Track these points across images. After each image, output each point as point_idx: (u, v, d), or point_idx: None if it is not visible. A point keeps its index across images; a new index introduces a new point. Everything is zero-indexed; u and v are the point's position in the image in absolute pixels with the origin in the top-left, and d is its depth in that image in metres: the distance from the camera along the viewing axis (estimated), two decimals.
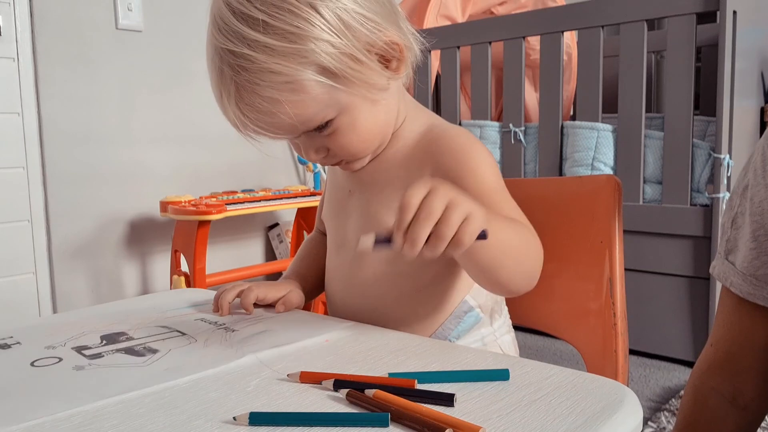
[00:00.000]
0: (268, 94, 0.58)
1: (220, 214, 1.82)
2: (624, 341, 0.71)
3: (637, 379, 1.83)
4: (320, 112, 0.61)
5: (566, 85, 2.44)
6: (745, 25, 1.83)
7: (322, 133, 0.63)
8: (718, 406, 0.71)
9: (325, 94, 0.60)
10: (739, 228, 0.69)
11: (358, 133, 0.64)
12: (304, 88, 0.58)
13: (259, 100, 0.58)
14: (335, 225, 0.77)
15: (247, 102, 0.59)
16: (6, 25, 1.73)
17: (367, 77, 0.61)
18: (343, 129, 0.63)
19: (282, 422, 0.40)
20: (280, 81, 0.58)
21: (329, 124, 0.63)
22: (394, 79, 0.65)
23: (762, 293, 0.66)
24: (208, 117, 2.21)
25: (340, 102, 0.61)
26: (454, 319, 0.70)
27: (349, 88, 0.61)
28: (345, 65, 0.59)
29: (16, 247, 1.79)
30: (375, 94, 0.63)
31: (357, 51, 0.60)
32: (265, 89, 0.58)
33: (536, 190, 0.81)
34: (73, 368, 0.51)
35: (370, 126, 0.65)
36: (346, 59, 0.59)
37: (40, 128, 1.83)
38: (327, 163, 0.68)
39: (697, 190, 1.88)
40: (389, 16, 0.63)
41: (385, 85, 0.64)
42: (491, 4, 2.65)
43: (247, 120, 0.61)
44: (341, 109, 0.62)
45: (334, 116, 0.62)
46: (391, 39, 0.62)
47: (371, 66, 0.61)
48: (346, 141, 0.64)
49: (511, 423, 0.39)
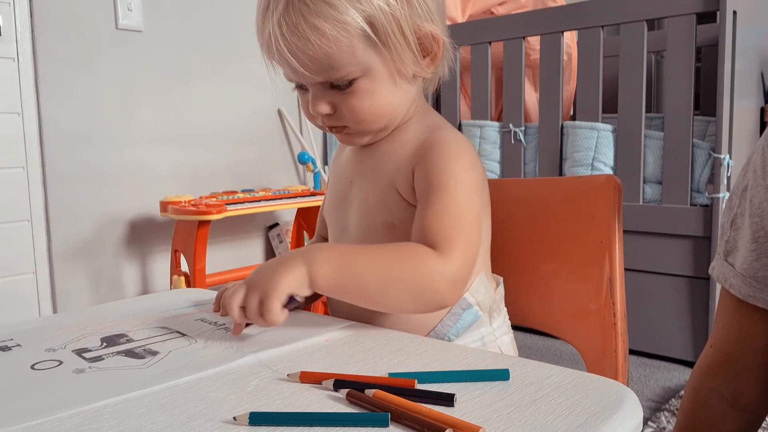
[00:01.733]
0: (313, 21, 0.60)
1: (220, 214, 1.82)
2: (624, 341, 0.71)
3: (637, 379, 1.83)
4: (350, 64, 0.63)
5: (566, 85, 2.44)
6: (745, 25, 1.83)
7: (340, 90, 0.65)
8: (717, 407, 0.71)
9: (362, 49, 0.62)
10: (738, 229, 0.68)
11: (372, 101, 0.66)
12: (347, 31, 0.61)
13: (303, 23, 0.60)
14: (336, 217, 0.78)
15: (290, 20, 0.60)
16: (6, 25, 1.73)
17: (404, 53, 0.64)
18: (361, 91, 0.65)
19: (282, 422, 0.40)
20: (330, 14, 0.60)
21: (351, 84, 0.64)
22: (422, 72, 0.68)
23: (762, 295, 0.65)
24: (208, 117, 2.21)
25: (371, 64, 0.64)
26: (452, 316, 0.70)
27: (385, 53, 0.63)
28: (392, 29, 0.62)
29: (16, 247, 1.79)
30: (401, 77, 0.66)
31: (406, 23, 0.63)
32: (314, 16, 0.60)
33: (536, 190, 0.82)
34: (74, 371, 0.50)
35: (386, 101, 0.67)
36: (395, 25, 0.62)
37: (40, 128, 1.83)
38: (330, 124, 0.69)
39: (697, 190, 1.88)
40: (441, 15, 0.67)
41: (413, 74, 0.67)
42: (491, 4, 2.65)
43: (282, 39, 0.61)
44: (368, 71, 0.64)
45: (359, 76, 0.64)
46: (436, 32, 0.65)
47: (411, 45, 0.64)
48: (359, 104, 0.66)
49: (511, 423, 0.39)
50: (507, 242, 0.82)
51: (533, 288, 0.80)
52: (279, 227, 2.49)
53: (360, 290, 0.60)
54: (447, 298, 0.62)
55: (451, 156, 0.66)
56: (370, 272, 0.59)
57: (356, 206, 0.74)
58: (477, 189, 0.67)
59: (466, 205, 0.64)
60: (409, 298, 0.61)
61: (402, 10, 0.62)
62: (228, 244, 2.33)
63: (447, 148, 0.67)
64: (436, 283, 0.60)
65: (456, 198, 0.64)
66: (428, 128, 0.70)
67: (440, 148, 0.67)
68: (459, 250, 0.62)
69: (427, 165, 0.66)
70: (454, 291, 0.62)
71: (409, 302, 0.61)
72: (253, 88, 2.29)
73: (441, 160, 0.66)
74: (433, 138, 0.68)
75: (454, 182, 0.64)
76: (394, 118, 0.69)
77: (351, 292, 0.60)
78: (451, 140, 0.68)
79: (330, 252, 0.60)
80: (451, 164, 0.66)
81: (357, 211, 0.73)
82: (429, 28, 0.65)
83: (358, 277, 0.59)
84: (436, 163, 0.66)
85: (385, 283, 0.60)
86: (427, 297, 0.61)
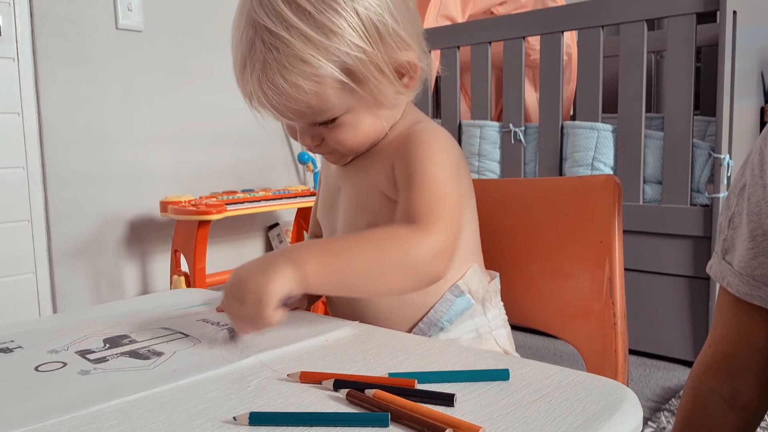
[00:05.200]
0: (292, 79, 0.61)
1: (220, 214, 1.82)
2: (624, 341, 0.71)
3: (637, 379, 1.83)
4: (332, 108, 0.64)
5: (566, 85, 2.44)
6: (745, 25, 1.83)
7: (324, 125, 0.66)
8: (716, 406, 0.71)
9: (342, 94, 0.63)
10: (736, 228, 0.68)
11: (357, 133, 0.68)
12: (326, 83, 0.61)
13: (282, 81, 0.61)
14: (327, 222, 0.80)
15: (269, 80, 0.61)
16: (6, 25, 1.73)
17: (384, 87, 0.65)
18: (346, 126, 0.67)
19: (282, 422, 0.40)
20: (307, 71, 0.60)
21: (334, 120, 0.66)
22: (403, 95, 0.68)
23: (759, 293, 0.65)
24: (208, 117, 2.21)
25: (351, 103, 0.65)
26: (444, 302, 0.71)
27: (365, 93, 0.64)
28: (369, 72, 0.63)
29: (16, 247, 1.79)
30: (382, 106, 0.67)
31: (382, 62, 0.63)
32: (291, 74, 0.60)
33: (536, 190, 0.82)
34: (79, 373, 0.50)
35: (371, 129, 0.69)
36: (372, 67, 0.63)
37: (40, 128, 1.83)
38: (317, 152, 0.71)
39: (697, 190, 1.88)
40: (417, 37, 0.67)
41: (394, 99, 0.67)
42: (491, 4, 2.65)
43: (263, 96, 0.62)
44: (350, 108, 0.65)
45: (342, 113, 0.65)
46: (411, 60, 0.66)
47: (390, 79, 0.65)
48: (344, 137, 0.67)
49: (511, 423, 0.39)
50: (507, 242, 0.82)
51: (533, 288, 0.80)
52: (279, 227, 2.49)
53: (351, 282, 0.60)
54: (436, 270, 0.61)
55: (425, 141, 0.68)
56: (356, 261, 0.59)
57: (343, 211, 0.76)
58: (453, 170, 0.67)
59: (444, 181, 0.65)
60: (399, 278, 0.61)
61: (377, 53, 0.62)
62: (228, 244, 2.33)
63: (421, 136, 0.68)
64: (420, 257, 0.60)
65: (434, 177, 0.65)
66: (407, 124, 0.72)
67: (415, 137, 0.68)
68: (439, 221, 0.62)
69: (404, 155, 0.68)
70: (441, 262, 0.62)
71: (401, 282, 0.61)
72: None
73: (416, 146, 0.67)
74: (409, 131, 0.70)
75: (430, 163, 0.66)
76: (380, 137, 0.71)
77: (343, 285, 0.60)
78: (426, 128, 0.70)
79: (313, 248, 0.59)
80: (426, 147, 0.67)
81: (343, 216, 0.75)
82: (405, 58, 0.65)
83: (347, 268, 0.59)
84: (413, 150, 0.67)
85: (373, 269, 0.60)
86: (415, 273, 0.61)
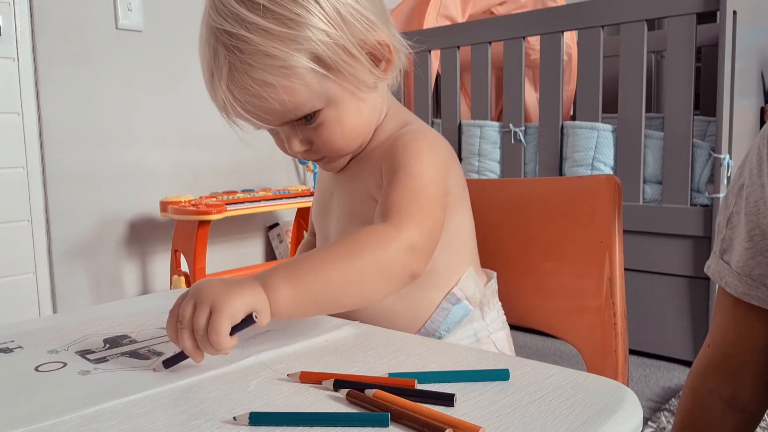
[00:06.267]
0: (260, 77, 0.59)
1: (220, 214, 1.82)
2: (624, 341, 0.71)
3: (637, 379, 1.83)
4: (309, 101, 0.62)
5: (566, 85, 2.44)
6: (745, 25, 1.83)
7: (308, 125, 0.65)
8: (715, 407, 0.71)
9: (316, 83, 0.61)
10: (734, 227, 0.68)
11: (342, 128, 0.66)
12: (296, 74, 0.60)
13: (251, 82, 0.60)
14: (321, 227, 0.80)
15: (238, 83, 0.60)
16: (6, 25, 1.73)
17: (358, 72, 0.63)
18: (329, 122, 0.65)
19: (282, 422, 0.40)
20: (274, 65, 0.59)
21: (316, 116, 0.64)
22: (382, 80, 0.67)
23: (757, 293, 0.65)
24: (208, 117, 2.20)
25: (329, 93, 0.63)
26: (441, 312, 0.71)
27: (339, 80, 0.62)
28: (338, 56, 0.61)
29: (16, 247, 1.79)
30: (363, 92, 0.65)
31: (350, 45, 0.61)
32: (258, 71, 0.59)
33: (536, 190, 0.82)
34: (79, 373, 0.50)
35: (355, 122, 0.67)
36: (340, 51, 0.61)
37: (40, 128, 1.83)
38: (308, 158, 0.70)
39: (697, 190, 1.88)
40: (382, 17, 0.65)
41: (373, 84, 0.66)
42: (491, 4, 2.65)
43: (236, 102, 0.61)
44: (329, 100, 0.64)
45: (321, 107, 0.64)
46: (382, 39, 0.64)
47: (362, 62, 0.63)
48: (330, 135, 0.66)
49: (511, 423, 0.39)
50: (507, 242, 0.82)
51: (533, 288, 0.80)
52: (279, 227, 2.49)
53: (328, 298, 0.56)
54: (410, 267, 0.58)
55: (412, 140, 0.67)
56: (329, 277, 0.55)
57: (335, 217, 0.75)
58: (440, 170, 0.66)
59: (428, 180, 0.64)
60: (376, 283, 0.58)
61: (343, 34, 0.61)
62: (228, 244, 2.33)
63: (408, 135, 0.67)
64: (393, 253, 0.57)
65: (416, 174, 0.63)
66: (396, 126, 0.71)
67: (402, 137, 0.67)
68: (412, 217, 0.60)
69: (390, 154, 0.66)
70: (416, 259, 0.59)
71: (379, 287, 0.58)
72: None
73: (403, 144, 0.66)
74: (398, 133, 0.69)
75: (415, 161, 0.64)
76: (368, 133, 0.70)
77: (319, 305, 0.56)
78: (415, 129, 0.69)
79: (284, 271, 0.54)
80: (413, 146, 0.66)
81: (336, 223, 0.75)
82: (374, 38, 0.64)
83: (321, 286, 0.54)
84: (399, 149, 0.66)
85: (348, 281, 0.56)
86: (390, 274, 0.58)
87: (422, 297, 0.71)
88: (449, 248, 0.70)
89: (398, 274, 0.58)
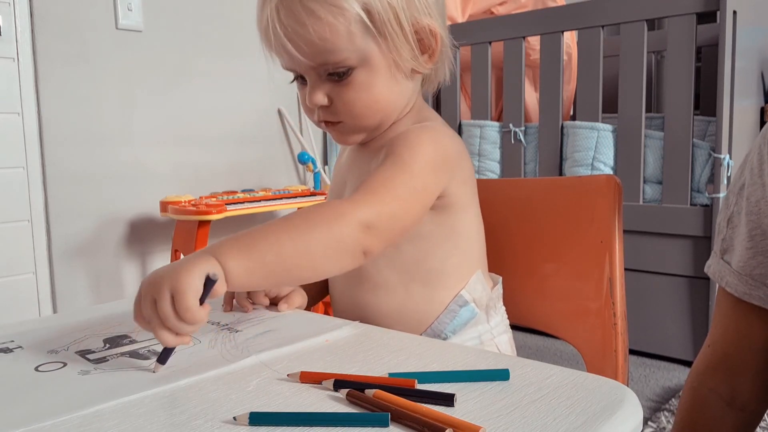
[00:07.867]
0: (310, 5, 0.61)
1: (220, 214, 1.82)
2: (624, 341, 0.71)
3: (637, 379, 1.83)
4: (346, 50, 0.63)
5: (566, 85, 2.44)
6: (745, 25, 1.83)
7: (337, 80, 0.65)
8: (715, 407, 0.71)
9: (359, 36, 0.62)
10: (735, 227, 0.68)
11: (369, 94, 0.66)
12: (344, 16, 0.61)
13: (299, 7, 0.61)
14: None
15: (286, 4, 0.61)
16: (6, 25, 1.73)
17: (401, 46, 0.64)
18: (358, 84, 0.65)
19: (282, 422, 0.40)
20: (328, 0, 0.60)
21: (348, 73, 0.64)
22: (421, 68, 0.67)
23: (758, 293, 0.65)
24: (208, 117, 2.21)
25: (367, 53, 0.64)
26: (448, 313, 0.71)
27: (381, 45, 0.63)
28: (388, 19, 0.62)
29: (16, 247, 1.79)
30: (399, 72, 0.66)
31: (403, 15, 0.63)
32: (310, 1, 0.60)
33: (536, 190, 0.82)
34: (79, 373, 0.50)
35: (382, 96, 0.66)
36: (391, 15, 0.62)
37: (40, 128, 1.83)
38: (325, 118, 0.68)
39: (697, 190, 1.88)
40: (440, 9, 0.67)
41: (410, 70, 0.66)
42: (491, 4, 2.65)
43: (279, 24, 0.62)
44: (365, 60, 0.64)
45: (355, 65, 0.64)
46: (434, 27, 0.65)
47: (408, 37, 0.64)
48: (355, 97, 0.65)
49: (511, 423, 0.39)
50: (507, 242, 0.82)
51: (533, 288, 0.80)
52: None
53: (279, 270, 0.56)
54: (362, 243, 0.58)
55: (417, 130, 0.67)
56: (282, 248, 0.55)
57: None
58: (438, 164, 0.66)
59: (414, 171, 0.63)
60: (329, 257, 0.57)
61: (401, 4, 0.63)
62: None
63: (416, 127, 0.67)
64: (346, 228, 0.57)
65: (404, 163, 0.63)
66: (415, 121, 0.71)
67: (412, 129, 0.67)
68: (375, 197, 0.60)
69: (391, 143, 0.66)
70: (370, 237, 0.58)
71: (331, 261, 0.58)
72: (253, 88, 2.29)
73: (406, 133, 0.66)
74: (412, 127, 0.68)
75: (411, 150, 0.64)
76: (389, 114, 0.69)
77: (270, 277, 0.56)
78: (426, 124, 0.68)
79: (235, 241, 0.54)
80: (414, 136, 0.66)
81: None
82: (427, 22, 0.65)
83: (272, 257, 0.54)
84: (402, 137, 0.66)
85: (300, 253, 0.56)
86: (342, 247, 0.57)
87: (431, 297, 0.70)
88: (457, 249, 0.71)
89: (350, 250, 0.58)
